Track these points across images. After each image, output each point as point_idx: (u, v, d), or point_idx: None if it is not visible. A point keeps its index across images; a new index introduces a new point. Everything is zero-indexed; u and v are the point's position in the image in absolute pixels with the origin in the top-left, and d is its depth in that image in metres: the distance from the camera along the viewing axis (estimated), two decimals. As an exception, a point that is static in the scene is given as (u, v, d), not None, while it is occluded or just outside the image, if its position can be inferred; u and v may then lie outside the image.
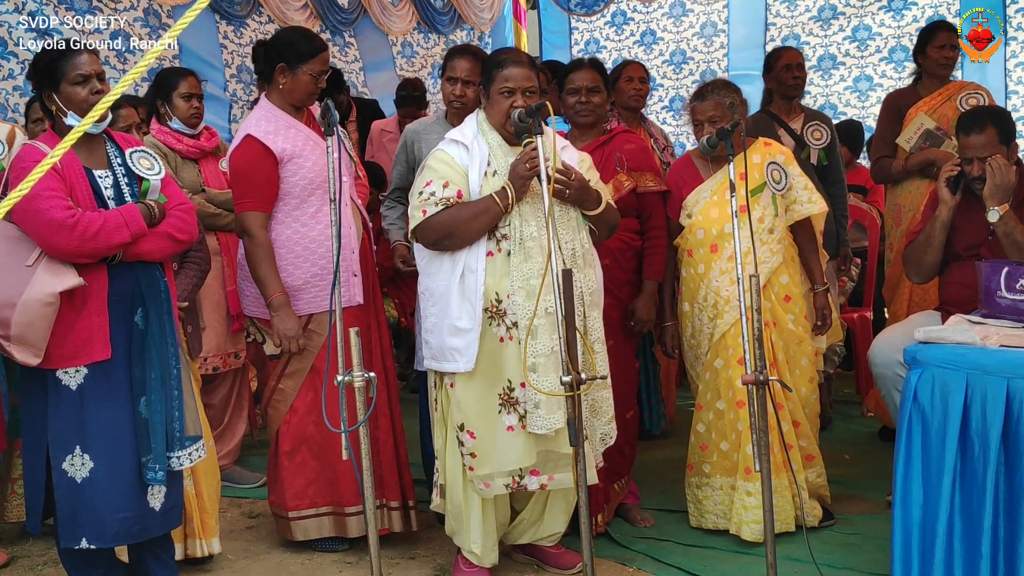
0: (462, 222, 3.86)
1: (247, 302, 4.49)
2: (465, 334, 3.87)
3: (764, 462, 3.48)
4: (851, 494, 4.97)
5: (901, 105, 5.75)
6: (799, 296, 4.59)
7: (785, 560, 4.07)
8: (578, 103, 4.58)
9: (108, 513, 3.53)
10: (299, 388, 4.39)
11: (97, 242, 3.44)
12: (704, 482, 4.60)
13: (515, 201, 3.84)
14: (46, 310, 3.39)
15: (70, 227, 3.39)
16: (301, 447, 4.43)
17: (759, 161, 4.55)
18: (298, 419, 4.41)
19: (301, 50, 4.34)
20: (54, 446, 3.52)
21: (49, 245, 3.42)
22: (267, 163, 4.27)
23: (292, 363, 4.38)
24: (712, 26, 9.47)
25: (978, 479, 3.47)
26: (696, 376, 4.66)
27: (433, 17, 9.51)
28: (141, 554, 3.78)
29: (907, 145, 5.61)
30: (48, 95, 3.57)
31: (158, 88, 5.34)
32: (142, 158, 3.70)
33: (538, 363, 3.79)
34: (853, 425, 6.32)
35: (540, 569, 4.28)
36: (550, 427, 3.80)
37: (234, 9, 7.77)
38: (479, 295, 3.85)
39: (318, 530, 4.48)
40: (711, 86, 4.60)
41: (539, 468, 3.95)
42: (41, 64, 3.59)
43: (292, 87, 4.35)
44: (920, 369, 3.66)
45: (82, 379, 3.51)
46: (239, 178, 4.33)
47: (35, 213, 3.40)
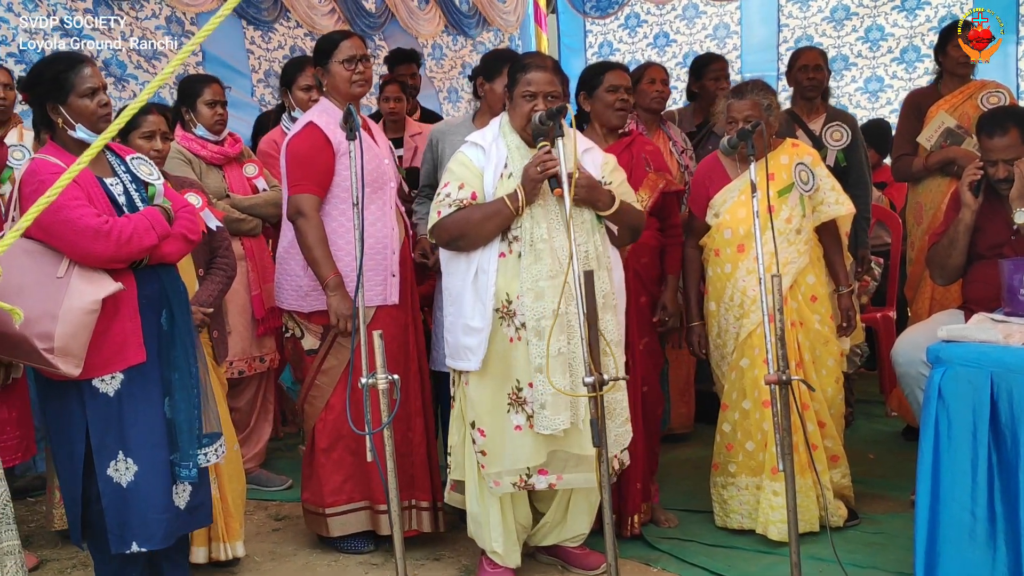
0: (474, 223, 3.90)
1: (285, 296, 4.53)
2: (477, 333, 3.91)
3: (788, 462, 3.49)
4: (875, 493, 4.96)
5: (922, 104, 5.74)
6: (825, 296, 4.59)
7: (810, 560, 4.07)
8: (619, 100, 4.55)
9: (153, 515, 3.58)
10: (335, 384, 4.42)
11: (131, 246, 3.48)
12: (729, 482, 4.61)
13: (526, 204, 3.86)
14: (89, 318, 3.40)
15: (106, 233, 3.42)
16: (338, 444, 4.46)
17: (787, 162, 4.55)
18: (335, 416, 4.43)
19: (324, 48, 4.50)
20: (97, 454, 3.54)
21: (84, 253, 3.43)
22: (327, 150, 4.35)
23: (328, 359, 4.42)
24: (725, 28, 9.48)
25: (1013, 471, 3.47)
26: (722, 376, 4.67)
27: (459, 20, 9.54)
28: (157, 556, 3.80)
29: (928, 144, 5.59)
30: (53, 107, 3.56)
31: (183, 95, 5.38)
32: (142, 164, 3.74)
33: (546, 364, 3.81)
34: (877, 424, 6.30)
35: (564, 570, 4.29)
36: (556, 427, 3.83)
37: (261, 15, 7.80)
38: (490, 295, 3.89)
39: (356, 524, 4.51)
40: (750, 86, 4.60)
41: (547, 467, 3.98)
42: (47, 76, 3.58)
43: (333, 83, 4.47)
44: (944, 367, 3.66)
45: (119, 384, 3.54)
46: (297, 162, 4.37)
47: (66, 223, 3.41)
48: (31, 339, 3.35)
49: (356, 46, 4.49)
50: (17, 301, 3.29)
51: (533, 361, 3.83)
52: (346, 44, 4.47)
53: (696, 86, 6.42)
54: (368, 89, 4.58)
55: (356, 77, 4.45)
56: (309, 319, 4.46)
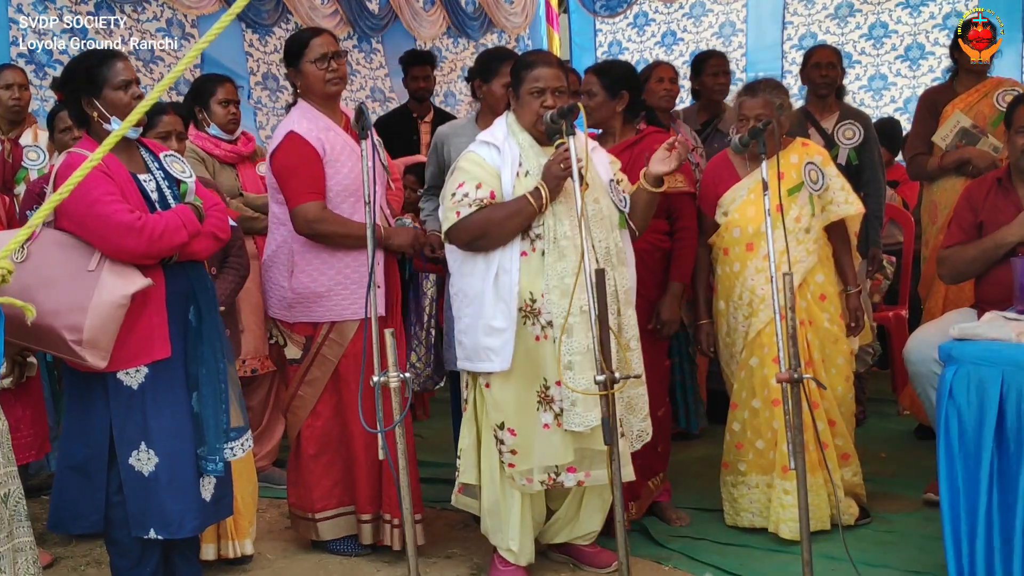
0: (496, 223, 3.89)
1: (271, 303, 4.50)
2: (500, 334, 3.90)
3: (799, 460, 3.49)
4: (887, 492, 4.95)
5: (937, 102, 5.70)
6: (834, 295, 4.58)
7: (821, 558, 4.06)
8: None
9: (172, 505, 3.63)
10: (319, 395, 4.41)
11: (162, 243, 3.52)
12: (740, 480, 4.60)
13: (549, 201, 3.86)
14: (118, 312, 3.45)
15: (138, 229, 3.47)
16: (327, 450, 4.45)
17: (797, 161, 4.55)
18: (323, 422, 4.43)
19: (294, 48, 4.39)
20: (119, 444, 3.60)
21: (116, 248, 3.48)
22: (312, 156, 4.26)
23: (312, 371, 4.41)
24: (731, 26, 9.50)
25: (1012, 476, 3.46)
26: (731, 374, 4.67)
27: (464, 22, 9.53)
28: (169, 551, 3.84)
29: (943, 143, 5.55)
30: (88, 101, 3.62)
31: (196, 95, 5.41)
32: (175, 162, 3.79)
33: (574, 361, 3.81)
34: (889, 423, 6.29)
35: (576, 568, 4.29)
36: (587, 425, 3.83)
37: (261, 18, 7.83)
38: (513, 295, 3.88)
39: (346, 528, 4.50)
40: (763, 84, 4.59)
41: (576, 465, 3.97)
42: (81, 71, 3.65)
43: (307, 84, 4.37)
44: (955, 366, 3.65)
45: (143, 378, 3.59)
46: (290, 174, 4.26)
47: (99, 218, 3.46)
48: (60, 330, 3.40)
49: (327, 43, 4.36)
50: (46, 292, 3.38)
51: (562, 359, 3.82)
52: (317, 42, 4.34)
53: (696, 83, 6.43)
54: (343, 87, 4.43)
55: (330, 75, 4.32)
56: (292, 329, 4.43)
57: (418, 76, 7.34)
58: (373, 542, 4.48)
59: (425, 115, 7.33)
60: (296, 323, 4.42)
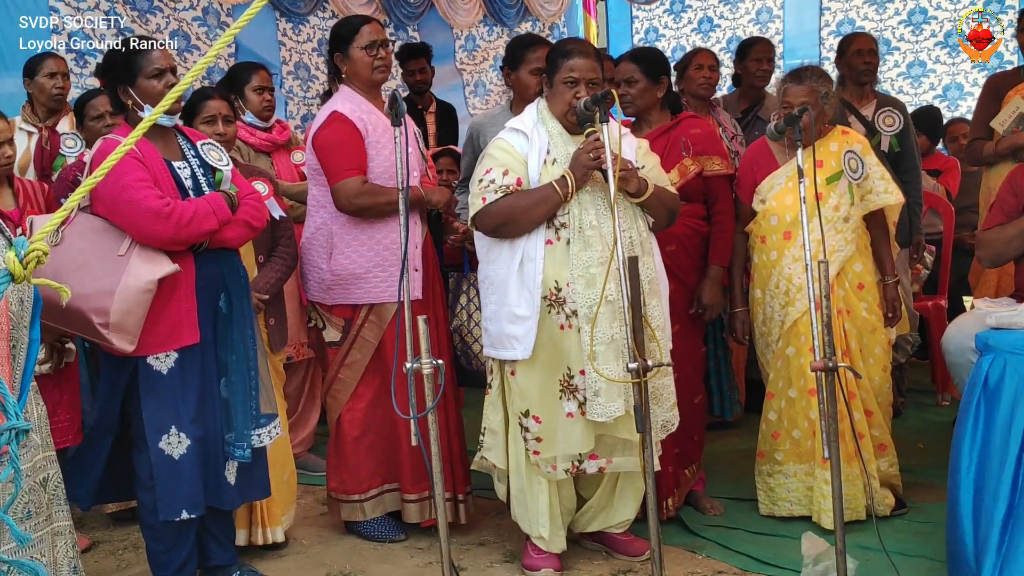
0: (522, 210, 3.88)
1: (309, 287, 4.53)
2: (523, 322, 3.90)
3: (833, 449, 3.47)
4: (924, 483, 4.91)
5: (1001, 87, 5.65)
6: (872, 285, 4.54)
7: (856, 548, 4.04)
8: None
9: (198, 484, 3.69)
10: (359, 377, 4.44)
11: (191, 229, 3.57)
12: (776, 470, 4.58)
13: (575, 190, 3.85)
14: (144, 297, 3.50)
15: (167, 215, 3.52)
16: (369, 432, 4.49)
17: (836, 149, 4.51)
18: (364, 404, 4.46)
19: (343, 34, 4.43)
20: (150, 428, 3.64)
21: (145, 234, 3.53)
22: (356, 135, 4.31)
23: (352, 354, 4.44)
24: (767, 12, 9.43)
25: None
26: (767, 363, 4.64)
27: (500, 9, 9.50)
28: (203, 536, 3.89)
29: (1001, 128, 5.51)
30: (124, 90, 3.68)
31: (230, 82, 5.44)
32: (212, 150, 3.83)
33: (598, 351, 3.80)
34: (928, 414, 6.23)
35: (609, 556, 4.29)
36: (610, 415, 3.83)
37: (297, 7, 7.84)
38: (537, 283, 3.88)
39: (392, 503, 4.54)
40: (809, 71, 4.54)
41: (598, 452, 3.98)
42: (118, 60, 3.71)
43: (353, 69, 4.41)
44: (992, 355, 3.61)
45: (172, 363, 3.64)
46: (332, 151, 4.30)
47: (130, 203, 3.52)
48: (87, 313, 3.45)
49: (376, 31, 4.42)
50: (78, 275, 3.44)
51: (585, 349, 3.82)
52: (367, 29, 4.40)
53: (739, 67, 6.37)
54: (388, 75, 4.53)
55: (377, 63, 4.39)
56: (331, 311, 4.47)
57: (414, 69, 7.37)
58: (419, 521, 4.50)
59: (428, 107, 7.39)
60: (335, 305, 4.45)
